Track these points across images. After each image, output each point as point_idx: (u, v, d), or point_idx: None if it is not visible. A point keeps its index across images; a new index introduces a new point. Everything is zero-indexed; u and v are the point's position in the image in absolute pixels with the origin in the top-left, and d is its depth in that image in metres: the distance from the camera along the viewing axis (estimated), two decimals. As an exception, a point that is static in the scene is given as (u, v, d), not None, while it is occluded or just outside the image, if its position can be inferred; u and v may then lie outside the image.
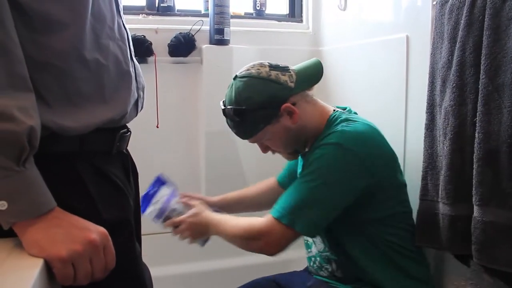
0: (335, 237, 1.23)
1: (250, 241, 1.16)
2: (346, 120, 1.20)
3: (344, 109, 1.31)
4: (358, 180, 1.12)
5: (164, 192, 1.34)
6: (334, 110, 1.27)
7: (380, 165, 1.16)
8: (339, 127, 1.16)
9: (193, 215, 1.29)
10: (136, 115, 0.95)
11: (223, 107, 1.26)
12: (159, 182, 1.35)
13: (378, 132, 1.21)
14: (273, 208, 1.15)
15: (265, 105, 1.20)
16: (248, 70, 1.23)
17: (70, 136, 0.77)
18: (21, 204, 0.66)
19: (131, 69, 0.89)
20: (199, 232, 1.29)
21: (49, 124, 0.73)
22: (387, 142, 1.22)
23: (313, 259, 1.33)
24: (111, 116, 0.83)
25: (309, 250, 1.34)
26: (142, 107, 0.97)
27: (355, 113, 1.31)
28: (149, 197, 1.32)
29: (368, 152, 1.13)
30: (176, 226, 1.30)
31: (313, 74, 1.26)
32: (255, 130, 1.24)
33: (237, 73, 1.25)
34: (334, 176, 1.11)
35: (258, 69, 1.22)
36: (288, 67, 1.25)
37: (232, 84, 1.24)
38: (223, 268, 2.00)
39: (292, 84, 1.21)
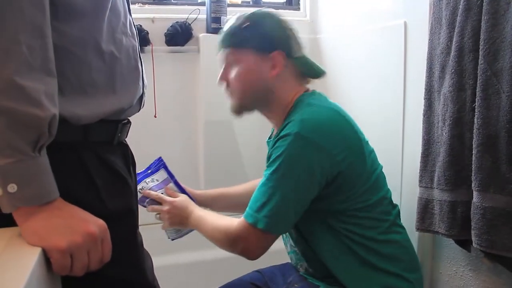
0: (300, 230, 1.18)
1: (229, 247, 1.13)
2: (308, 105, 1.14)
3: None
4: (322, 168, 1.06)
5: (159, 176, 1.35)
6: (303, 93, 1.22)
7: (344, 151, 1.08)
8: (297, 116, 1.09)
9: (179, 201, 1.28)
10: (138, 111, 0.96)
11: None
12: (159, 164, 1.36)
13: (341, 116, 1.14)
14: (246, 211, 1.10)
15: (269, 36, 1.18)
16: None
17: (75, 126, 0.77)
18: (30, 190, 0.66)
19: (140, 66, 0.91)
20: (178, 220, 1.26)
21: (62, 112, 0.73)
22: (352, 127, 1.14)
23: (290, 255, 1.31)
24: (119, 107, 0.84)
25: (286, 246, 1.31)
26: (143, 105, 0.98)
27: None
28: (146, 175, 1.33)
29: (328, 140, 1.07)
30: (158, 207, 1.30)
31: (311, 70, 1.25)
32: (240, 44, 1.20)
33: None
34: (298, 169, 1.06)
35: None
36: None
37: None
38: (224, 257, 2.00)
39: (298, 49, 1.21)
